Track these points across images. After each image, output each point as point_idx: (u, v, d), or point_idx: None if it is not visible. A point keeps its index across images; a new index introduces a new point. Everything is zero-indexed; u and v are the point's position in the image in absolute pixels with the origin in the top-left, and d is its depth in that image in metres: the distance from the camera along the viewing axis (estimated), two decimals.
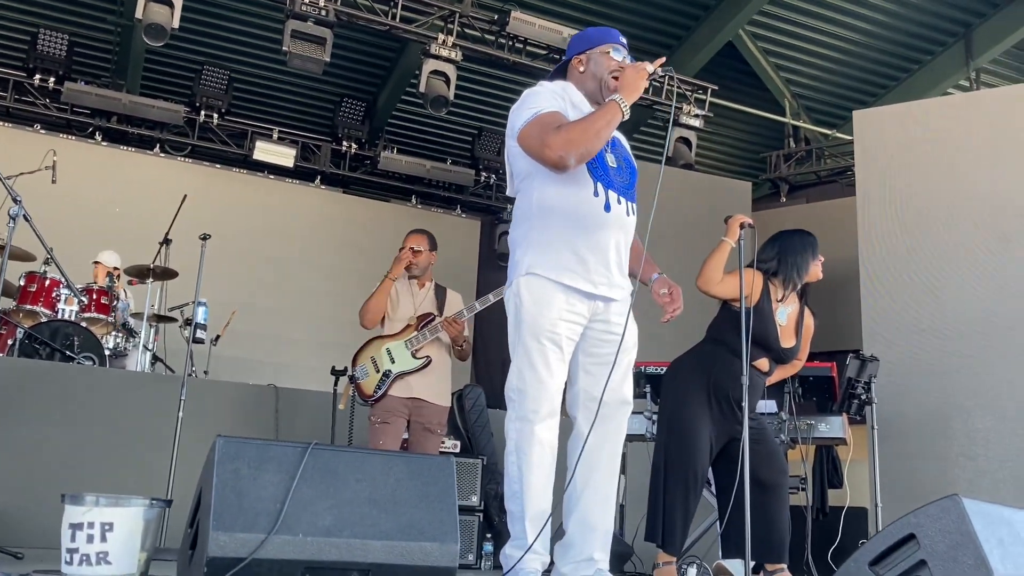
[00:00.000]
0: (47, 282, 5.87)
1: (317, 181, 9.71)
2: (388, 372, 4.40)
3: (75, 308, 5.90)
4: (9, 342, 5.44)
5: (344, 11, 7.15)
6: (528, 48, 7.81)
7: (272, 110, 9.75)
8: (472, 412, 5.63)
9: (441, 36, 7.45)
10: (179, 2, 6.60)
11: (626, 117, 2.73)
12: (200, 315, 5.27)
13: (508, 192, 2.91)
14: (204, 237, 4.73)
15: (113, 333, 6.10)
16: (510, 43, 7.76)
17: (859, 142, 6.32)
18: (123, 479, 4.57)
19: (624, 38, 2.95)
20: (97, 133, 8.78)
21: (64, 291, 5.85)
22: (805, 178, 9.75)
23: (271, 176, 9.49)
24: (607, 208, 2.74)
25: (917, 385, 5.46)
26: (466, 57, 7.61)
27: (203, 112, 9.02)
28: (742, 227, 3.44)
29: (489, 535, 5.17)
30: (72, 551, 2.20)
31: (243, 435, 2.22)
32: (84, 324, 5.84)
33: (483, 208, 10.48)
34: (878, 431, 4.82)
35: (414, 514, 2.22)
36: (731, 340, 3.41)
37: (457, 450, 5.30)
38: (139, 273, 6.32)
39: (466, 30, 7.71)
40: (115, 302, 6.18)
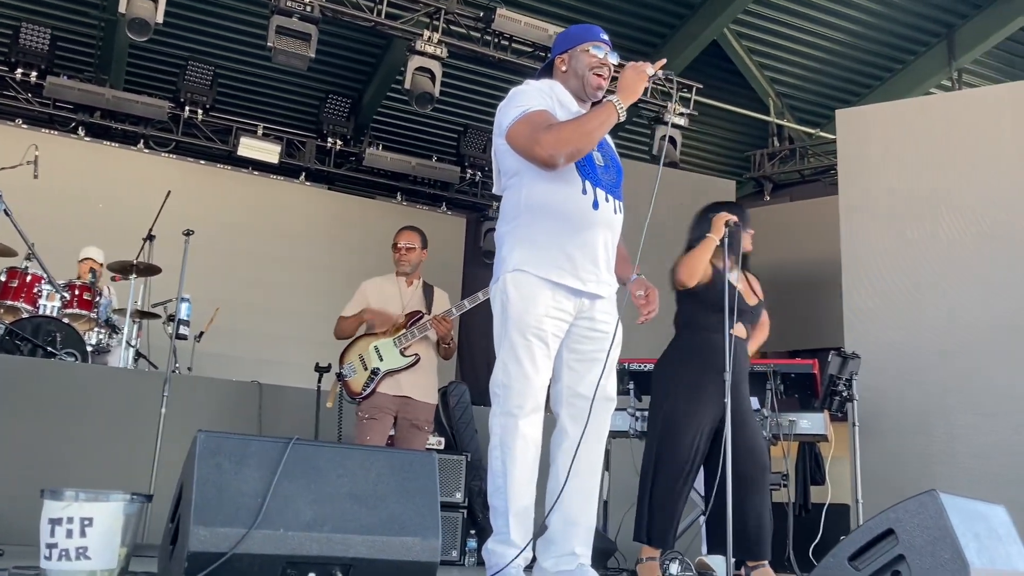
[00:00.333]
0: (28, 278, 5.83)
1: (302, 177, 9.67)
2: (376, 370, 4.40)
3: (57, 304, 5.87)
4: None
5: (329, 7, 7.12)
6: (514, 45, 7.81)
7: (257, 106, 9.71)
8: (456, 409, 5.63)
9: (427, 33, 7.43)
10: None
11: (622, 119, 2.73)
12: (183, 311, 5.24)
13: (494, 189, 2.92)
14: (188, 233, 4.72)
15: (96, 329, 6.07)
16: (496, 40, 7.76)
17: (842, 141, 6.36)
18: (105, 475, 4.56)
19: (607, 35, 2.95)
20: (80, 128, 8.72)
21: (46, 287, 5.82)
22: (789, 177, 9.81)
23: (256, 172, 9.44)
24: (595, 206, 2.74)
25: (898, 382, 5.51)
26: (452, 54, 7.60)
27: (187, 108, 8.96)
28: (727, 225, 3.56)
29: (473, 531, 5.16)
30: (51, 546, 2.19)
31: (226, 431, 2.21)
32: (66, 320, 5.81)
33: (469, 205, 10.47)
34: (859, 428, 4.85)
35: (395, 509, 2.22)
36: (704, 320, 3.58)
37: (441, 447, 5.29)
38: (122, 269, 6.27)
39: (451, 27, 7.70)
40: (97, 298, 6.15)
